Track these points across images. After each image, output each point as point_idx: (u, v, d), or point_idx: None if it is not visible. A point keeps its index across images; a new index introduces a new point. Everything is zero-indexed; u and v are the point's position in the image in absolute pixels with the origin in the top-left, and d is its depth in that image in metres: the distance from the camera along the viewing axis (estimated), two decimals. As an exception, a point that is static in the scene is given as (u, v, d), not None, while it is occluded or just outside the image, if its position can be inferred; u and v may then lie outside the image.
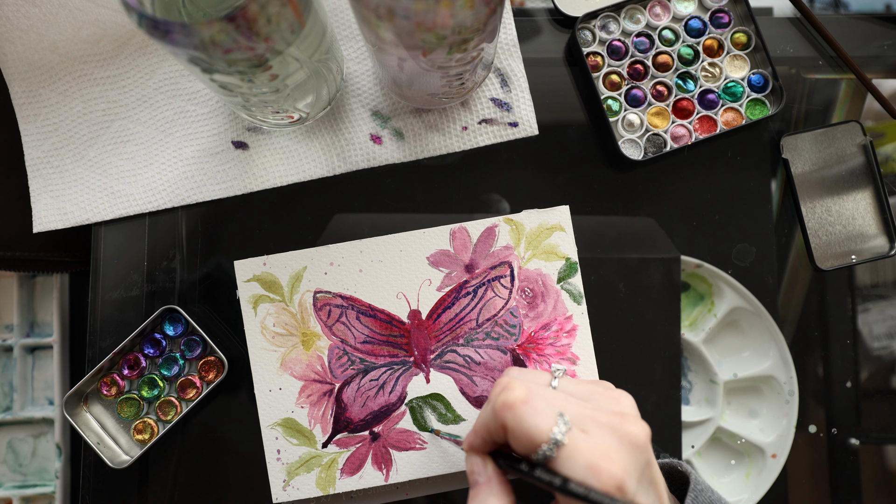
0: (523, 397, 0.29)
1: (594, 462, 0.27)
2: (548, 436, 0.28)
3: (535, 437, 0.28)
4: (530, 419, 0.29)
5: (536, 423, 0.28)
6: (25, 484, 0.52)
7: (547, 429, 0.28)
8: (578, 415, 0.29)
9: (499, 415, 0.30)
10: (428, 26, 0.30)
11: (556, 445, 0.28)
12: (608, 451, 0.28)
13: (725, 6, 0.47)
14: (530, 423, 0.28)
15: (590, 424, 0.29)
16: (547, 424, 0.28)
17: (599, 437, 0.29)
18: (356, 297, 0.44)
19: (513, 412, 0.29)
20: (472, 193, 0.46)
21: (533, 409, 0.29)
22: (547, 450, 0.28)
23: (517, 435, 0.29)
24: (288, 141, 0.46)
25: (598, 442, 0.28)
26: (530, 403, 0.29)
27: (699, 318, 0.48)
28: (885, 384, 0.48)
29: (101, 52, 0.45)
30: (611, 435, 0.29)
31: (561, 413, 0.29)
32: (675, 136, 0.46)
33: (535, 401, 0.29)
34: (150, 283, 0.45)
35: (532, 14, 0.48)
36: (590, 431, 0.29)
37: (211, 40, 0.28)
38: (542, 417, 0.29)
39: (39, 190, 0.46)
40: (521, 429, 0.29)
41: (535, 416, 0.29)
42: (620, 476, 0.27)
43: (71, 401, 0.43)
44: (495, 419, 0.30)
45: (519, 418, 0.29)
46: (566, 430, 0.28)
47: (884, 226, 0.47)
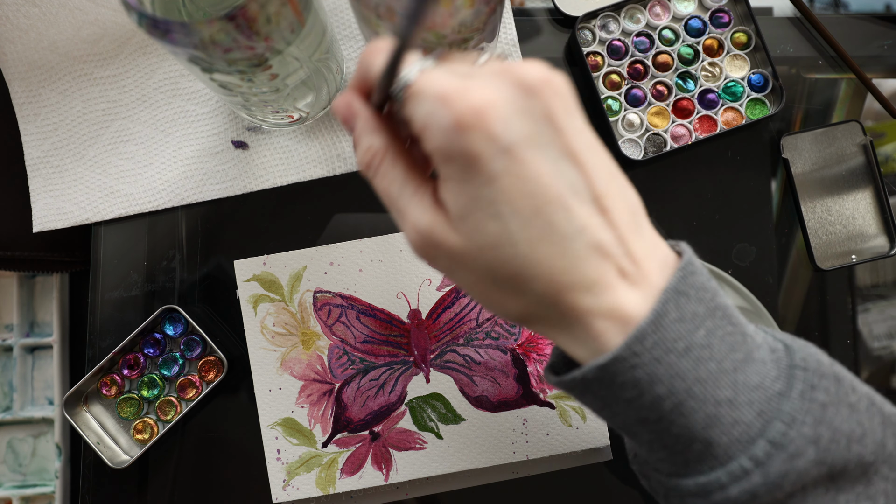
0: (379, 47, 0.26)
1: (447, 91, 0.23)
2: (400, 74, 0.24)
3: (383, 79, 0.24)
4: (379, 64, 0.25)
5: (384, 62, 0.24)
6: (25, 484, 0.52)
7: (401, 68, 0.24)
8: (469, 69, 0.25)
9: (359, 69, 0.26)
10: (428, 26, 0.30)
11: (405, 84, 0.24)
12: (472, 85, 0.23)
13: (725, 6, 0.47)
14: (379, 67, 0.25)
15: (476, 74, 0.24)
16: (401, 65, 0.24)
17: (477, 79, 0.23)
18: (356, 296, 0.44)
19: (365, 61, 0.26)
20: (472, 193, 0.46)
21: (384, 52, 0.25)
22: (397, 91, 0.24)
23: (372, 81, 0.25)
24: (288, 141, 0.46)
25: (464, 81, 0.23)
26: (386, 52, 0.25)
27: (699, 317, 0.48)
28: (885, 384, 0.48)
29: (101, 52, 0.45)
30: (495, 77, 0.24)
31: (433, 61, 0.25)
32: (675, 136, 0.46)
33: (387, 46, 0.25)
34: (150, 282, 0.45)
35: (532, 14, 0.48)
36: (472, 77, 0.24)
37: (211, 39, 0.28)
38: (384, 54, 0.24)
39: (39, 190, 0.46)
40: (373, 75, 0.25)
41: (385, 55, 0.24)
42: (480, 104, 0.22)
43: (71, 400, 0.43)
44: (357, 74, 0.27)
45: (369, 66, 0.25)
46: (419, 69, 0.24)
47: (884, 226, 0.47)
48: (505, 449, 0.43)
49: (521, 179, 0.23)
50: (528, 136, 0.23)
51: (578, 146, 0.24)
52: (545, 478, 0.44)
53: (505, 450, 0.43)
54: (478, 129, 0.22)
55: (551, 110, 0.23)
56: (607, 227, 0.24)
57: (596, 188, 0.24)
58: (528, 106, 0.23)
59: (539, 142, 0.23)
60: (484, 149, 0.22)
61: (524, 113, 0.23)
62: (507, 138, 0.22)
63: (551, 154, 0.23)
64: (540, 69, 0.24)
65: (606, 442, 0.43)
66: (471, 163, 0.23)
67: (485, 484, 0.44)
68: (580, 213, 0.23)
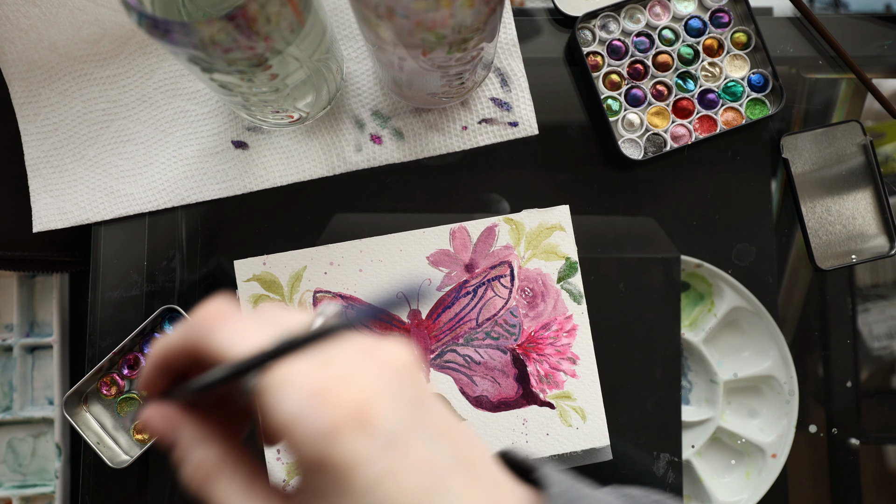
0: (221, 312, 0.22)
1: (321, 386, 0.19)
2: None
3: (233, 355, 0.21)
4: (227, 334, 0.21)
5: (233, 339, 0.21)
6: (25, 484, 0.52)
7: (248, 345, 0.20)
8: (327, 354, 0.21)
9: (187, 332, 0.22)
10: (428, 25, 0.30)
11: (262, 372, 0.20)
12: (348, 374, 0.20)
13: (725, 6, 0.47)
14: (224, 338, 0.21)
15: (336, 353, 0.21)
16: (249, 340, 0.21)
17: (340, 363, 0.21)
18: (356, 296, 0.44)
19: (201, 325, 0.22)
20: (472, 193, 0.46)
21: (233, 326, 0.21)
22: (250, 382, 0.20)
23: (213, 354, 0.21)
24: (288, 141, 0.46)
25: (332, 368, 0.20)
26: (231, 319, 0.21)
27: (699, 317, 0.48)
28: (885, 384, 0.48)
29: (101, 52, 0.45)
30: (359, 359, 0.21)
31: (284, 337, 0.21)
32: (675, 136, 0.46)
33: (238, 318, 0.22)
34: (150, 282, 0.45)
35: (532, 14, 0.48)
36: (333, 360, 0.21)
37: (211, 39, 0.28)
38: (245, 333, 0.21)
39: (39, 189, 0.46)
40: (214, 345, 0.21)
41: (233, 331, 0.21)
42: (360, 402, 0.20)
43: (71, 400, 0.43)
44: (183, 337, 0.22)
45: (207, 332, 0.21)
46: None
47: (884, 225, 0.47)
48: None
49: (407, 470, 0.20)
50: (408, 423, 0.21)
51: (444, 421, 0.22)
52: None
53: (505, 450, 0.43)
54: (359, 431, 0.19)
55: (419, 391, 0.22)
56: (482, 493, 0.22)
57: (466, 456, 0.22)
58: (400, 390, 0.21)
59: (416, 427, 0.21)
60: (368, 450, 0.20)
61: (399, 397, 0.21)
62: (390, 430, 0.20)
63: (427, 436, 0.21)
64: (402, 350, 0.22)
65: (606, 442, 0.43)
66: (348, 471, 0.19)
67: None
68: (460, 486, 0.21)
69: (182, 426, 0.23)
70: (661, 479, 0.45)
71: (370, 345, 0.22)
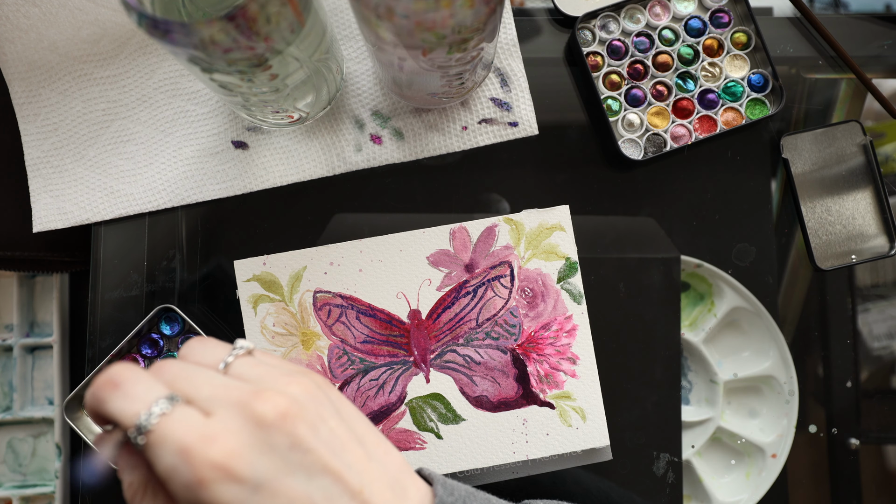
0: (113, 379, 0.25)
1: (187, 445, 0.23)
2: (132, 421, 0.24)
3: (122, 422, 0.25)
4: (115, 403, 0.25)
5: (122, 408, 0.25)
6: (25, 484, 0.52)
7: (133, 412, 0.24)
8: (209, 397, 0.25)
9: (91, 398, 0.26)
10: (428, 26, 0.30)
11: (140, 432, 0.24)
12: (215, 433, 0.24)
13: (725, 6, 0.47)
14: (115, 408, 0.25)
15: (216, 406, 0.25)
16: (134, 409, 0.24)
17: (216, 419, 0.24)
18: (356, 296, 0.44)
19: (97, 395, 0.25)
20: (472, 193, 0.46)
21: (123, 393, 0.25)
22: (134, 436, 0.24)
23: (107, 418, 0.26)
24: (288, 141, 0.46)
25: (206, 423, 0.24)
26: (122, 387, 0.25)
27: (699, 317, 0.48)
28: (885, 384, 0.48)
29: (101, 52, 0.45)
30: (234, 415, 0.25)
31: (171, 397, 0.25)
32: (675, 136, 0.46)
33: (129, 384, 0.25)
34: (150, 283, 0.45)
35: (532, 14, 0.48)
36: (212, 413, 0.25)
37: (211, 40, 0.28)
38: (130, 401, 0.25)
39: (39, 190, 0.46)
40: (105, 413, 0.25)
41: (123, 399, 0.25)
42: (222, 459, 0.23)
43: (71, 405, 0.43)
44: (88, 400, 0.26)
45: (101, 402, 0.25)
46: (159, 412, 0.24)
47: (884, 226, 0.47)
48: (505, 449, 0.43)
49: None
50: (278, 467, 0.24)
51: (329, 456, 0.25)
52: (545, 478, 0.44)
53: (505, 450, 0.43)
54: (224, 481, 0.23)
55: (296, 437, 0.25)
56: None
57: (353, 487, 0.25)
58: (270, 441, 0.24)
59: (289, 470, 0.24)
60: (233, 498, 0.23)
61: (267, 448, 0.24)
62: (256, 477, 0.24)
63: (303, 475, 0.25)
64: (277, 401, 0.25)
65: (606, 442, 0.43)
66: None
67: (485, 484, 0.44)
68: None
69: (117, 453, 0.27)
70: (661, 479, 0.45)
71: (249, 398, 0.25)
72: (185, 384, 0.26)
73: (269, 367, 0.28)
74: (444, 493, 0.28)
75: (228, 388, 0.26)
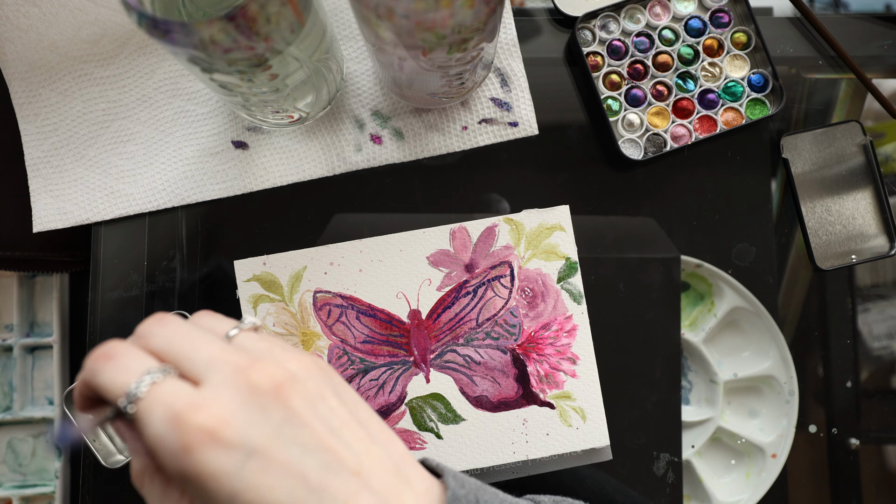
0: (107, 352, 0.25)
1: (176, 411, 0.23)
2: (122, 390, 0.24)
3: (111, 392, 0.24)
4: (105, 375, 0.25)
5: (112, 378, 0.24)
6: (25, 484, 0.52)
7: (123, 382, 0.24)
8: (206, 360, 0.25)
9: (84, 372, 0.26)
10: (428, 26, 0.30)
11: (130, 400, 0.24)
12: (205, 399, 0.23)
13: (725, 6, 0.47)
14: (104, 380, 0.25)
15: (210, 371, 0.25)
16: (124, 379, 0.24)
17: (208, 386, 0.24)
18: (356, 296, 0.44)
19: (91, 367, 0.25)
20: (472, 193, 0.46)
21: (115, 365, 0.25)
22: (124, 405, 0.24)
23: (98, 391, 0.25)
24: (288, 141, 0.46)
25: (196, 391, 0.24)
26: (115, 359, 0.25)
27: (699, 317, 0.48)
28: (885, 384, 0.48)
29: (101, 52, 0.45)
30: (228, 382, 0.24)
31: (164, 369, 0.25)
32: (675, 136, 0.46)
33: (122, 356, 0.25)
34: (150, 283, 0.45)
35: (532, 14, 0.48)
36: (205, 380, 0.25)
37: (211, 40, 0.28)
38: (122, 372, 0.24)
39: (39, 190, 0.46)
40: (96, 384, 0.25)
41: (115, 370, 0.25)
42: (211, 424, 0.23)
43: (71, 396, 0.43)
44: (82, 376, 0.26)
45: (94, 373, 0.25)
46: (149, 382, 0.24)
47: (884, 226, 0.47)
48: (505, 449, 0.43)
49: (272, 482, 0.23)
50: (271, 437, 0.24)
51: (325, 433, 0.25)
52: (545, 478, 0.44)
53: (505, 450, 0.43)
54: (211, 447, 0.23)
55: (290, 410, 0.24)
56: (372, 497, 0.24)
57: (351, 464, 0.25)
58: (264, 410, 0.24)
59: (282, 442, 0.24)
60: (222, 464, 0.23)
61: (261, 418, 0.24)
62: (249, 444, 0.23)
63: (298, 448, 0.24)
64: (274, 372, 0.25)
65: (606, 442, 0.43)
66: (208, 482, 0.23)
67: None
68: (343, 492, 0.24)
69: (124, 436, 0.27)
70: (661, 479, 0.45)
71: (246, 364, 0.25)
72: (184, 341, 0.26)
73: (272, 344, 0.27)
74: (456, 486, 0.27)
75: (226, 353, 0.25)
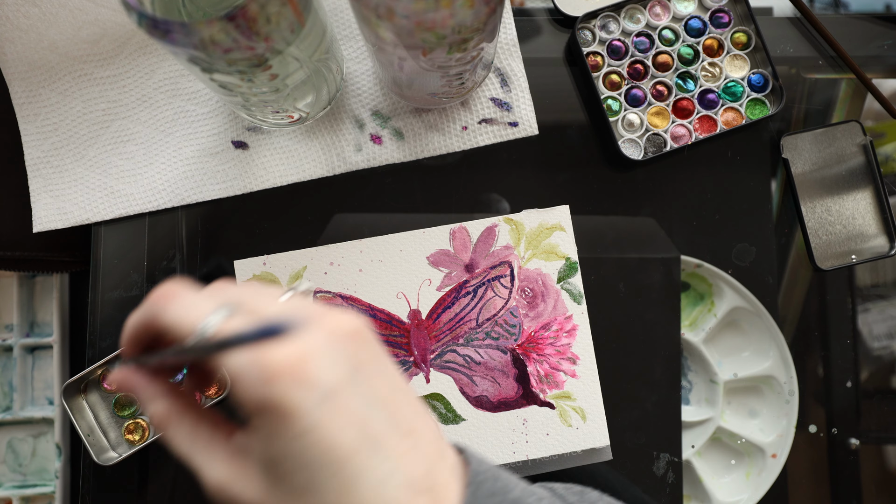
0: (173, 291, 0.25)
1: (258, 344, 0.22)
2: (197, 324, 0.24)
3: (182, 327, 0.24)
4: (177, 310, 0.25)
5: (185, 314, 0.24)
6: (25, 484, 0.52)
7: (196, 317, 0.24)
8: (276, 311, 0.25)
9: (145, 312, 0.26)
10: (428, 26, 0.30)
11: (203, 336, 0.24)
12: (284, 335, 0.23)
13: (725, 6, 0.47)
14: (176, 315, 0.25)
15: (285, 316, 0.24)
16: (196, 313, 0.24)
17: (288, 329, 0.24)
18: (356, 296, 0.44)
19: (156, 305, 0.25)
20: (472, 193, 0.46)
21: (182, 303, 0.25)
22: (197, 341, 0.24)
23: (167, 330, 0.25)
24: (288, 141, 0.46)
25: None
26: (181, 297, 0.25)
27: (699, 317, 0.48)
28: (885, 384, 0.48)
29: (101, 52, 0.45)
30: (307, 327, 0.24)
31: (232, 307, 0.24)
32: (675, 136, 0.46)
33: (188, 295, 0.25)
34: (150, 283, 0.45)
35: (532, 14, 0.48)
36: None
37: (211, 40, 0.28)
38: (192, 308, 0.24)
39: (39, 190, 0.46)
40: (166, 322, 0.25)
41: (184, 307, 0.25)
42: (296, 359, 0.22)
43: (71, 388, 0.43)
44: (142, 316, 0.26)
45: (161, 310, 0.25)
46: (223, 316, 0.24)
47: (884, 226, 0.47)
48: (505, 449, 0.43)
49: (340, 425, 0.23)
50: (344, 381, 0.24)
51: (386, 391, 0.25)
52: (545, 478, 0.44)
53: (505, 450, 0.43)
54: (295, 381, 0.22)
55: (361, 359, 0.25)
56: (420, 460, 0.25)
57: (405, 425, 0.25)
58: (342, 353, 0.24)
59: (353, 387, 0.24)
60: (303, 399, 0.22)
61: (339, 359, 0.24)
62: (326, 384, 0.23)
63: (363, 399, 0.24)
64: (352, 318, 0.25)
65: (606, 442, 0.43)
66: (285, 415, 0.22)
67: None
68: (397, 450, 0.24)
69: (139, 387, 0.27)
70: (661, 479, 0.45)
71: (321, 312, 0.25)
72: (251, 298, 0.25)
73: (328, 306, 0.27)
74: (477, 464, 0.27)
75: (296, 309, 0.25)
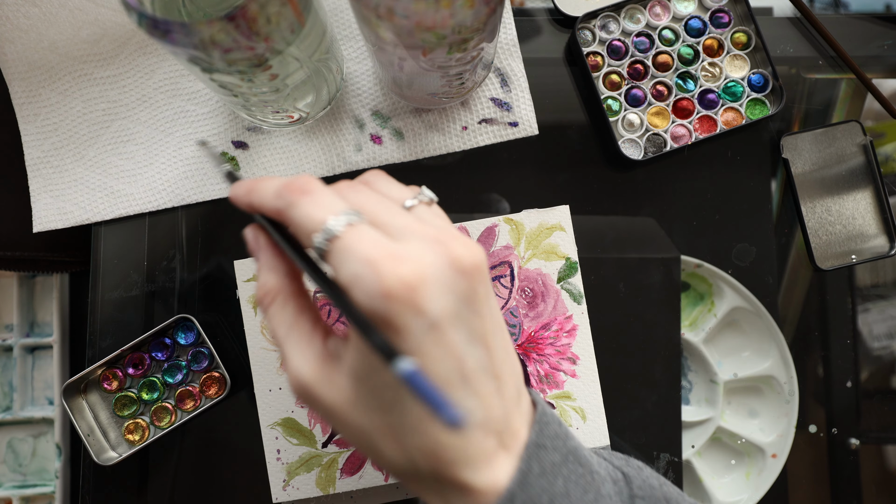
0: (305, 186, 0.25)
1: (375, 258, 0.22)
2: (320, 226, 0.24)
3: (306, 226, 0.24)
4: (304, 208, 0.25)
5: (310, 213, 0.24)
6: (25, 484, 0.52)
7: (320, 219, 0.24)
8: (402, 227, 0.25)
9: (277, 198, 0.26)
10: (428, 26, 0.30)
11: (328, 237, 0.24)
12: (404, 254, 0.23)
13: (725, 6, 0.47)
14: (303, 212, 0.25)
15: (408, 236, 0.24)
16: (321, 214, 0.24)
17: (405, 245, 0.24)
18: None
19: (288, 198, 0.25)
20: (472, 193, 0.46)
21: (313, 200, 0.25)
22: (320, 241, 0.24)
23: (292, 224, 0.25)
24: (288, 141, 0.46)
25: (395, 245, 0.23)
26: (313, 194, 0.25)
27: (699, 318, 0.48)
28: (885, 384, 0.48)
29: (101, 52, 0.45)
30: (428, 248, 0.24)
31: (359, 214, 0.24)
32: (675, 136, 0.46)
33: (319, 193, 0.25)
34: (150, 283, 0.45)
35: (532, 14, 0.48)
36: (401, 240, 0.24)
37: (211, 40, 0.28)
38: (319, 208, 0.24)
39: (39, 190, 0.46)
40: (293, 216, 0.25)
41: (312, 206, 0.25)
42: (412, 278, 0.22)
43: (71, 387, 0.43)
44: (273, 201, 0.26)
45: (291, 204, 0.25)
46: (346, 223, 0.24)
47: (884, 226, 0.47)
48: (505, 449, 0.43)
49: (437, 357, 0.23)
50: (452, 314, 0.24)
51: (488, 330, 0.25)
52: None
53: (505, 450, 0.43)
54: (407, 303, 0.22)
55: (475, 294, 0.24)
56: (500, 404, 0.25)
57: (496, 368, 0.25)
58: (455, 285, 0.24)
59: (458, 321, 0.24)
60: (410, 323, 0.22)
61: (451, 291, 0.24)
62: (434, 315, 0.23)
63: (465, 335, 0.24)
64: (474, 252, 0.25)
65: (606, 442, 0.43)
66: (393, 333, 0.23)
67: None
68: (483, 392, 0.25)
69: (262, 250, 0.28)
70: (661, 479, 0.45)
71: (448, 236, 0.25)
72: (376, 207, 0.25)
73: (450, 225, 0.27)
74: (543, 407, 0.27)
75: (423, 225, 0.25)
